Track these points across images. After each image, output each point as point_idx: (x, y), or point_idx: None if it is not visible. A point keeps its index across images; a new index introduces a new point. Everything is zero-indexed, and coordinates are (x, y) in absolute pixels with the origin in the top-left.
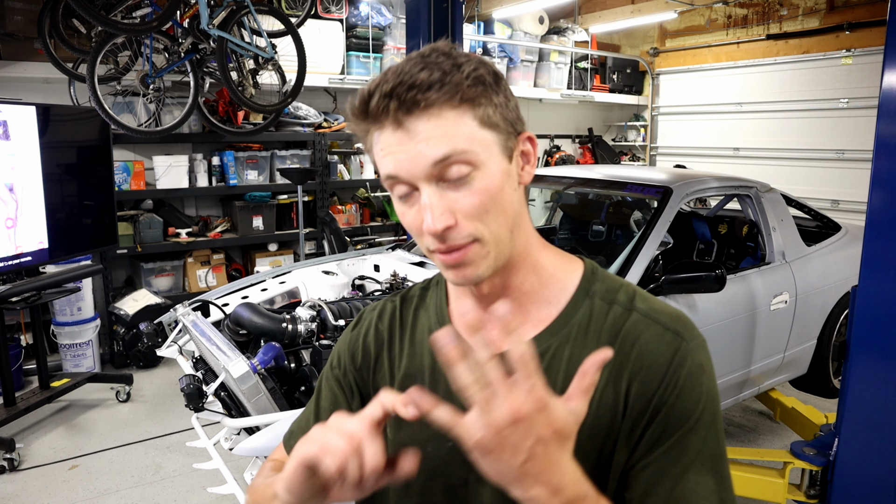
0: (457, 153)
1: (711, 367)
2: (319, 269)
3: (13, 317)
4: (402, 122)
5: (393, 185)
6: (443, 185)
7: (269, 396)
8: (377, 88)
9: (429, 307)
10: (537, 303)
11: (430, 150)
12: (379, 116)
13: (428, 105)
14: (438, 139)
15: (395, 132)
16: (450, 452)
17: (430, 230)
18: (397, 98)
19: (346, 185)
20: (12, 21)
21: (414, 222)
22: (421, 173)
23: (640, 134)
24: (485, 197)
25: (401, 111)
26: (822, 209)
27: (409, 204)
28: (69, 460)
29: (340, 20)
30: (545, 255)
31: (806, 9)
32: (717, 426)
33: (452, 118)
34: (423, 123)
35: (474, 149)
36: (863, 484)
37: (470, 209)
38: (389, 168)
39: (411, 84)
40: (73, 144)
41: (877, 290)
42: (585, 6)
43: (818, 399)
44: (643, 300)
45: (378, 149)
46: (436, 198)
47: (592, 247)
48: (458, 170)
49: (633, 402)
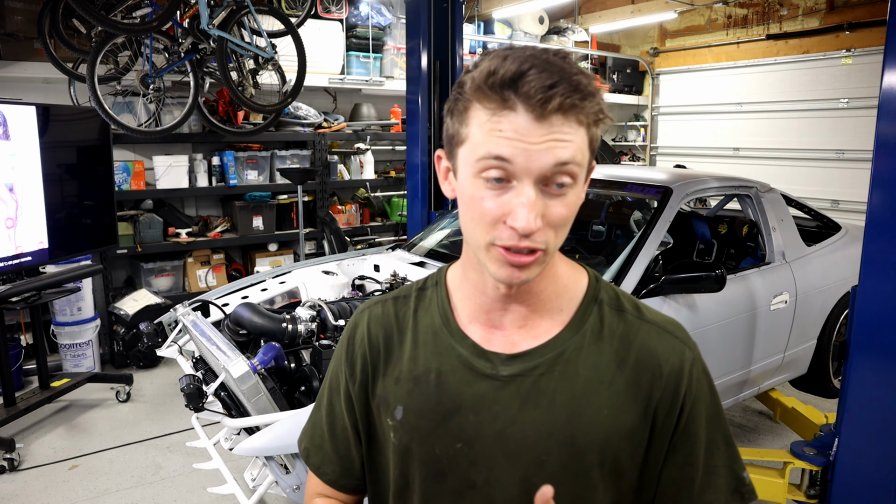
0: (573, 163)
1: (707, 368)
2: (319, 269)
3: (13, 317)
4: (545, 115)
5: (489, 168)
6: (542, 188)
7: (269, 396)
8: (533, 77)
9: (430, 308)
10: (551, 309)
11: (559, 151)
12: (525, 100)
13: (578, 111)
14: (568, 144)
15: (532, 122)
16: (458, 454)
17: (526, 229)
18: (561, 96)
19: (346, 185)
20: (12, 21)
21: (495, 209)
22: (538, 169)
23: (640, 134)
24: (570, 212)
25: (557, 106)
26: (822, 209)
27: (496, 191)
28: (69, 460)
29: (340, 20)
30: (561, 264)
31: (806, 9)
32: (723, 414)
33: (580, 132)
34: (566, 126)
35: (581, 165)
36: (863, 484)
37: (557, 219)
38: (503, 150)
39: (576, 87)
40: (73, 144)
41: (877, 290)
42: (585, 6)
43: (818, 399)
44: (647, 309)
45: (493, 127)
46: (535, 198)
47: (592, 247)
48: (565, 180)
49: (656, 407)
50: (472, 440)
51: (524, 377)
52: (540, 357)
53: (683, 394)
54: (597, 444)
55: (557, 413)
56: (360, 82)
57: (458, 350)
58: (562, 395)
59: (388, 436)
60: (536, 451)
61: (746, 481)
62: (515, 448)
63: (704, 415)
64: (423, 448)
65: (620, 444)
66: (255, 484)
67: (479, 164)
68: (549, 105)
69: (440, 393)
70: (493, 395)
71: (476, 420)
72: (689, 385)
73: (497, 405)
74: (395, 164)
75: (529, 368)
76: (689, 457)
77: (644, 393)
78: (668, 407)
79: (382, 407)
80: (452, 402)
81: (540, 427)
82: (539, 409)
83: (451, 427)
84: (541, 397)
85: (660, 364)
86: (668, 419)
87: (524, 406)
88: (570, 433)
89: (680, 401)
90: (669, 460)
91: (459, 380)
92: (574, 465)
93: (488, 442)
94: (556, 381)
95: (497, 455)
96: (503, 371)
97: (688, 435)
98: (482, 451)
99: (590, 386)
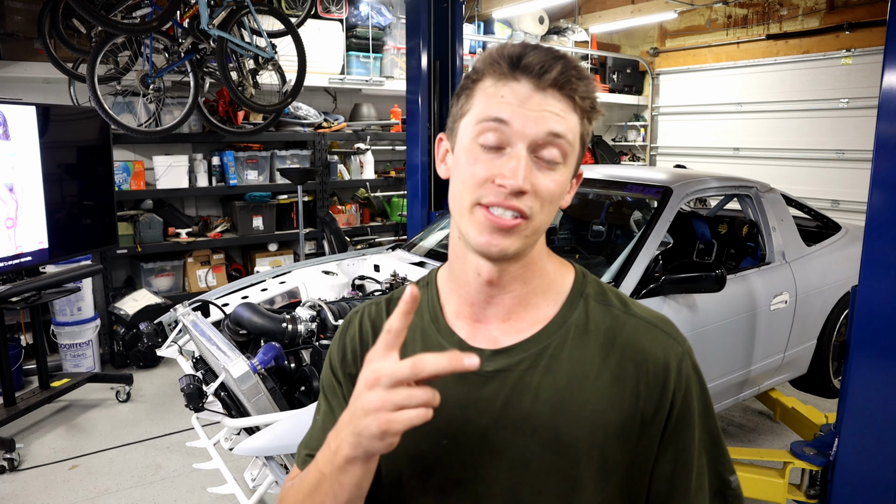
0: (565, 139)
1: (698, 363)
2: (319, 269)
3: (13, 317)
4: (546, 88)
5: (486, 130)
6: (534, 158)
7: (269, 396)
8: (536, 50)
9: (421, 307)
10: (537, 304)
11: (553, 122)
12: (529, 71)
13: (573, 91)
14: (561, 119)
15: (533, 91)
16: (445, 451)
17: (515, 187)
18: (563, 69)
19: (346, 185)
20: (12, 21)
21: (486, 171)
22: (532, 134)
23: (640, 134)
24: (556, 189)
25: (553, 79)
26: (822, 209)
27: (490, 154)
28: (69, 460)
29: (340, 20)
30: (549, 261)
31: (806, 9)
32: (713, 412)
33: (574, 116)
34: (560, 102)
35: (572, 147)
36: (863, 484)
37: (544, 191)
38: (504, 113)
39: (574, 66)
40: (73, 144)
41: (877, 290)
42: (585, 6)
43: (818, 399)
44: (634, 304)
45: (496, 93)
46: (527, 162)
47: (592, 247)
48: (554, 154)
49: (644, 403)
50: (458, 436)
51: (508, 373)
52: (523, 352)
53: (672, 389)
54: (581, 439)
55: (541, 409)
56: (360, 82)
57: (445, 346)
58: (545, 391)
59: None
60: (521, 447)
61: (732, 485)
62: (500, 444)
63: (697, 411)
64: (410, 444)
65: (606, 441)
66: (255, 484)
67: (479, 127)
68: (548, 75)
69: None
70: (478, 391)
71: (461, 416)
72: (677, 380)
73: (482, 401)
74: (395, 164)
75: (513, 364)
76: (682, 454)
77: (630, 388)
78: (657, 403)
79: None
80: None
81: (524, 423)
82: (523, 405)
83: (438, 423)
84: (524, 393)
85: (646, 359)
86: (658, 415)
87: (508, 402)
88: (554, 429)
89: (669, 396)
90: (661, 458)
91: (446, 376)
92: (559, 462)
93: (473, 438)
94: (539, 376)
95: (482, 452)
96: (487, 367)
97: (679, 432)
98: (468, 448)
99: (574, 381)
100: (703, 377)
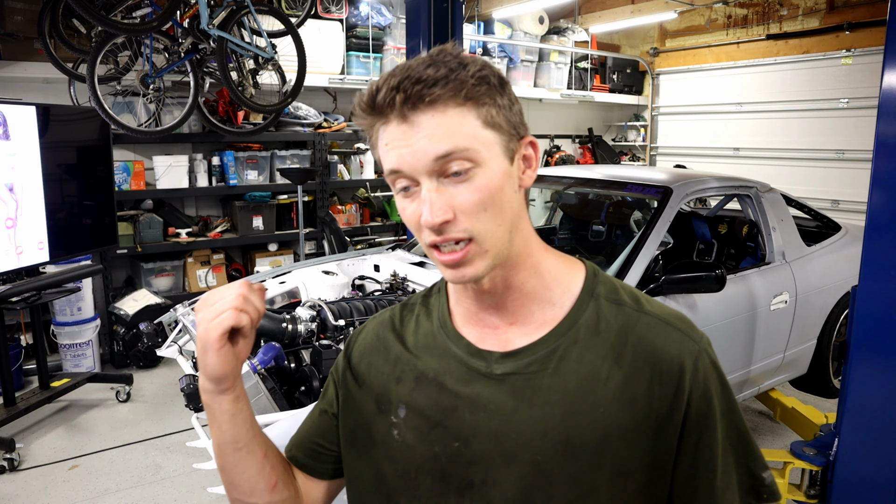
0: (459, 150)
1: (719, 361)
2: (319, 269)
3: (13, 317)
4: (406, 116)
5: (395, 180)
6: (444, 180)
7: (269, 396)
8: (384, 83)
9: (431, 312)
10: (541, 304)
11: (432, 146)
12: (385, 110)
13: (433, 101)
14: (441, 135)
15: (400, 126)
16: (456, 453)
17: (428, 223)
18: (403, 92)
19: (346, 185)
20: (12, 21)
21: (413, 217)
22: (423, 168)
23: (640, 134)
24: (484, 194)
25: (406, 105)
26: (822, 209)
27: (410, 199)
28: (69, 460)
29: (340, 20)
30: (546, 257)
31: (806, 9)
32: (737, 409)
33: (456, 115)
34: (427, 119)
35: (476, 147)
36: (863, 484)
37: (469, 205)
38: (393, 162)
39: (417, 79)
40: (73, 144)
41: (877, 290)
42: (585, 6)
43: (818, 399)
44: (648, 302)
45: (382, 143)
46: (435, 192)
47: (592, 247)
48: (460, 165)
49: (658, 404)
50: (469, 439)
51: (518, 375)
52: (532, 354)
53: (688, 389)
54: (593, 443)
55: (551, 412)
56: (360, 82)
57: (454, 350)
58: (556, 394)
59: (385, 434)
60: (532, 450)
61: (766, 481)
62: (511, 448)
63: (718, 410)
64: (423, 446)
65: (619, 444)
66: None
67: (390, 179)
68: (403, 108)
69: (440, 392)
70: (489, 394)
71: (472, 419)
72: (693, 379)
73: (492, 404)
74: None
75: (522, 366)
76: (703, 454)
77: (643, 389)
78: (672, 403)
79: (383, 405)
80: (450, 400)
81: (534, 426)
82: (533, 408)
83: (449, 425)
84: (535, 395)
85: (659, 358)
86: (674, 416)
87: (518, 405)
88: (565, 433)
89: (685, 396)
90: (682, 459)
91: (457, 379)
92: (572, 467)
93: (484, 441)
94: (549, 378)
95: (493, 455)
96: (497, 369)
97: (700, 432)
98: (479, 451)
99: (584, 384)
100: (723, 374)
